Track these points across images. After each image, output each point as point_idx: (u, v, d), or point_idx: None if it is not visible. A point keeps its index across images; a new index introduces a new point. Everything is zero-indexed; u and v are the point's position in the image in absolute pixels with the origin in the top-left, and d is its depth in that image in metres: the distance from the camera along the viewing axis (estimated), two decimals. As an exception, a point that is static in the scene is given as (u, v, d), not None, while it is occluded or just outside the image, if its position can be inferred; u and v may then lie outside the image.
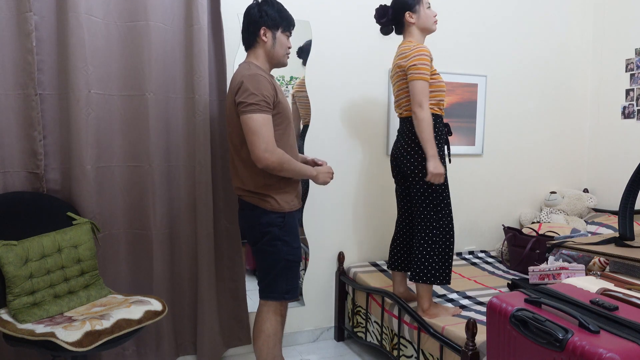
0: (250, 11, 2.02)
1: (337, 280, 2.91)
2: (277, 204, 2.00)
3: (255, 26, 2.01)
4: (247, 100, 1.88)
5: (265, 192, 1.99)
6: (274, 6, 2.03)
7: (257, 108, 1.88)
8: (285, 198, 2.02)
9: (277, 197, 2.00)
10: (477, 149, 3.27)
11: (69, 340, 1.66)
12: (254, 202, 2.01)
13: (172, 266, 2.46)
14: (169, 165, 2.41)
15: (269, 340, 2.06)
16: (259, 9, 2.00)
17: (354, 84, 2.90)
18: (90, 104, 2.20)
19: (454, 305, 2.33)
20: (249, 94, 1.88)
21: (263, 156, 1.88)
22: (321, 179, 2.10)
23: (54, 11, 2.14)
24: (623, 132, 3.39)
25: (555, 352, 1.13)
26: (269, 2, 2.03)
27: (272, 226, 2.00)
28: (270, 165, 1.90)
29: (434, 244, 2.19)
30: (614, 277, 1.55)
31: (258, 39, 2.02)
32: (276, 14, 2.02)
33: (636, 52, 3.28)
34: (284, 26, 2.04)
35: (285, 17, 2.05)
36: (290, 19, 2.07)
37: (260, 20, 2.00)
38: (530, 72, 3.42)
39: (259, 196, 2.00)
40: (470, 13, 3.18)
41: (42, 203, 2.08)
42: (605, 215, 3.28)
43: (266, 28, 2.00)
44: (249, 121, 1.88)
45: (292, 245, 2.04)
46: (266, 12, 2.00)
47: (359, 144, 2.95)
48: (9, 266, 1.80)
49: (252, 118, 1.88)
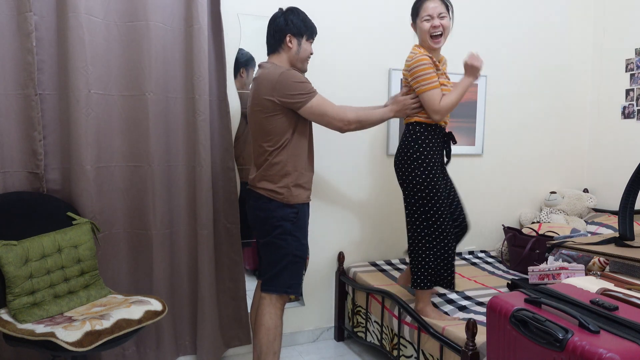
0: (277, 20, 2.14)
1: (337, 280, 2.91)
2: (292, 197, 2.08)
3: (281, 34, 2.12)
4: (295, 93, 2.02)
5: (284, 181, 2.07)
6: (299, 15, 2.15)
7: (308, 96, 2.04)
8: (300, 192, 2.10)
9: (294, 190, 2.09)
10: (477, 149, 3.27)
11: (69, 340, 1.66)
12: (269, 194, 2.09)
13: (172, 266, 2.46)
14: (169, 165, 2.41)
15: (268, 333, 2.10)
16: (285, 18, 2.13)
17: (354, 84, 2.90)
18: (90, 104, 2.20)
19: (453, 307, 2.32)
20: (294, 88, 2.02)
21: (341, 126, 2.11)
22: (402, 111, 2.22)
23: (54, 11, 2.14)
24: (623, 132, 3.39)
25: (555, 352, 1.13)
26: (294, 12, 2.15)
27: (285, 220, 2.08)
28: (352, 126, 2.13)
29: (420, 251, 2.20)
30: (614, 277, 1.55)
31: (284, 45, 2.13)
32: (301, 23, 2.14)
33: (636, 52, 3.28)
34: (308, 34, 2.17)
35: (309, 26, 2.17)
36: (314, 28, 2.20)
37: (286, 28, 2.12)
38: (530, 72, 3.42)
39: (278, 186, 2.08)
40: (470, 13, 3.18)
41: (42, 203, 2.08)
42: (605, 215, 3.28)
43: (292, 35, 2.12)
44: (311, 109, 2.05)
45: (301, 241, 2.13)
46: (292, 20, 2.12)
47: (359, 144, 2.95)
48: (9, 266, 1.80)
49: (312, 105, 2.05)
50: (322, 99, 2.07)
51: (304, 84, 2.03)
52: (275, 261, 2.10)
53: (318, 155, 2.82)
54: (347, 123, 2.11)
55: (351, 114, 2.12)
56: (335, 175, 2.90)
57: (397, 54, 2.98)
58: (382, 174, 3.02)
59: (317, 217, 2.87)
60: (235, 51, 2.58)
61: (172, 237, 2.44)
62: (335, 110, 2.09)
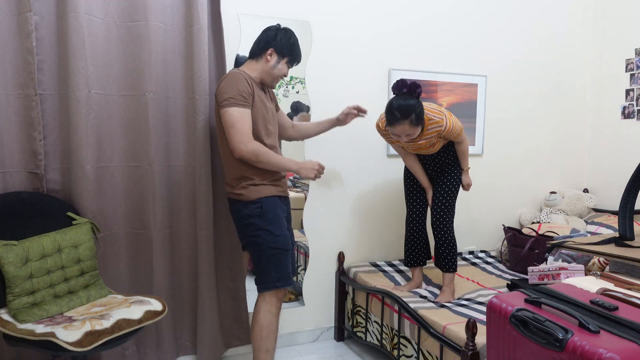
0: (269, 31, 2.17)
1: (337, 280, 2.91)
2: (252, 193, 2.09)
3: (265, 45, 2.14)
4: (224, 95, 2.02)
5: (241, 183, 2.10)
6: (290, 38, 2.17)
7: (233, 102, 2.01)
8: (260, 188, 2.11)
9: (252, 188, 2.10)
10: (477, 149, 3.27)
11: (69, 340, 1.66)
12: (234, 196, 2.13)
13: (172, 266, 2.46)
14: (169, 165, 2.41)
15: (262, 330, 2.13)
16: (276, 34, 2.15)
17: (354, 84, 2.90)
18: (90, 104, 2.20)
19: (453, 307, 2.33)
20: (225, 90, 2.02)
21: (238, 147, 2.01)
22: (303, 174, 2.17)
23: (54, 11, 2.14)
24: (623, 132, 3.39)
25: (555, 352, 1.13)
26: (287, 33, 2.18)
27: (252, 217, 2.10)
28: (245, 155, 2.03)
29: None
30: (614, 277, 1.55)
31: (263, 55, 2.15)
32: (289, 46, 2.16)
33: (636, 52, 3.28)
34: (290, 58, 2.19)
35: (295, 53, 2.19)
36: (298, 56, 2.22)
37: (272, 42, 2.14)
38: (530, 72, 3.41)
39: (237, 188, 2.11)
40: (470, 13, 3.18)
41: (42, 203, 2.08)
42: (605, 215, 3.28)
43: (274, 50, 2.14)
44: (226, 115, 2.02)
45: (274, 233, 2.11)
46: (281, 39, 2.15)
47: (359, 144, 2.95)
48: (9, 266, 1.80)
49: (228, 112, 2.01)
50: (241, 114, 2.01)
51: (237, 90, 2.01)
52: (257, 259, 2.13)
53: (318, 156, 2.82)
54: (245, 146, 2.00)
55: (254, 144, 2.03)
56: (336, 175, 2.90)
57: (397, 54, 2.98)
58: (382, 174, 3.02)
59: (317, 217, 2.87)
60: (236, 51, 2.58)
61: (172, 237, 2.44)
62: (243, 131, 2.00)
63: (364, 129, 2.93)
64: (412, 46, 3.02)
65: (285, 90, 2.76)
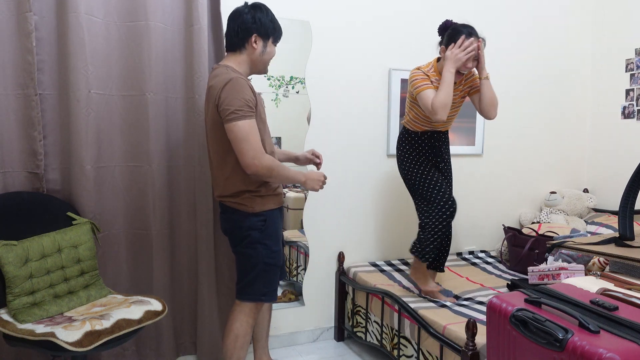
0: (243, 16, 1.97)
1: (337, 280, 2.91)
2: (257, 205, 2.00)
3: (246, 33, 1.96)
4: (230, 107, 1.85)
5: (244, 194, 2.00)
6: (268, 14, 2.00)
7: (242, 114, 1.85)
8: (265, 200, 2.03)
9: (258, 200, 2.00)
10: (477, 149, 3.27)
11: (69, 340, 1.66)
12: (234, 205, 2.02)
13: (172, 266, 2.46)
14: (169, 165, 2.41)
15: (237, 340, 2.06)
16: (252, 16, 1.96)
17: (354, 84, 2.90)
18: (90, 104, 2.20)
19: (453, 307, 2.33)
20: (231, 100, 1.85)
21: (252, 163, 1.87)
22: (309, 185, 2.08)
23: (54, 11, 2.14)
24: (623, 132, 3.39)
25: (555, 352, 1.13)
26: (262, 9, 1.99)
27: (253, 229, 2.00)
28: (260, 171, 1.88)
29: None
30: (614, 277, 1.55)
31: (247, 45, 1.98)
32: (270, 24, 1.99)
33: (636, 52, 3.28)
34: (275, 36, 2.04)
35: (277, 28, 2.04)
36: (281, 30, 2.07)
37: (253, 27, 1.96)
38: (530, 72, 3.41)
39: (239, 198, 2.00)
40: (470, 13, 3.18)
41: (42, 203, 2.08)
42: (605, 215, 3.28)
43: (257, 36, 1.97)
44: (235, 129, 1.85)
45: (271, 248, 2.04)
46: (260, 19, 1.96)
47: (359, 144, 2.95)
48: (9, 266, 1.80)
49: (238, 125, 1.85)
50: (250, 126, 1.87)
51: (243, 101, 1.86)
52: (247, 270, 2.04)
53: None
54: (259, 162, 1.87)
55: (268, 158, 1.90)
56: (336, 175, 2.90)
57: (397, 54, 2.98)
58: (382, 174, 3.02)
59: (317, 217, 2.87)
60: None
61: (172, 237, 2.44)
62: (256, 145, 1.87)
63: (365, 128, 2.93)
64: (412, 46, 3.02)
65: (285, 90, 2.76)
